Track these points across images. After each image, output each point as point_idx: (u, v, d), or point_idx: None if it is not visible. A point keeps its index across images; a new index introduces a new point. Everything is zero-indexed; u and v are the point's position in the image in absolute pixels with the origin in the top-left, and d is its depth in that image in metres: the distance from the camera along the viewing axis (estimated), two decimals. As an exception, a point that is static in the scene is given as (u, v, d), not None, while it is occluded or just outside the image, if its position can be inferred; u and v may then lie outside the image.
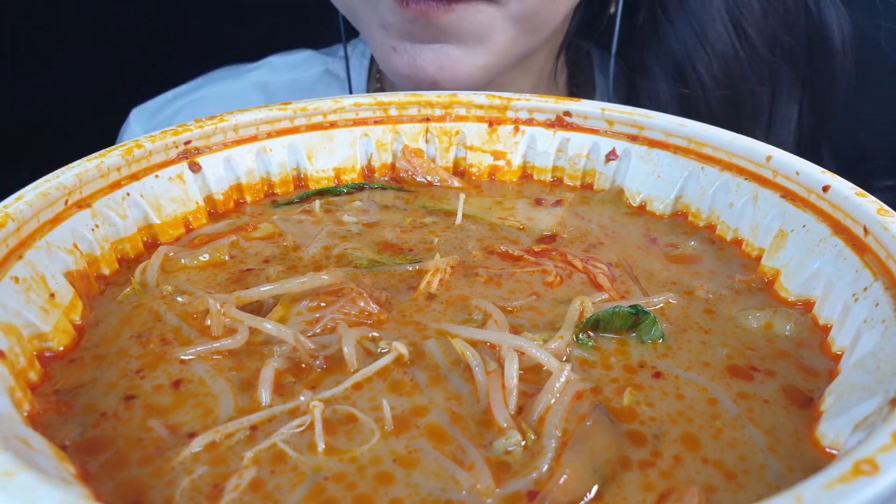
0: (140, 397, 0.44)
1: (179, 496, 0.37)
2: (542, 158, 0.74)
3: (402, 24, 0.84)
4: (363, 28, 0.92)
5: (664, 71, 1.03)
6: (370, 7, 0.86)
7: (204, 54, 1.42)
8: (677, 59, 1.01)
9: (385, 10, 0.83)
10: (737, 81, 1.01)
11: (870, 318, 0.46)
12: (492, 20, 0.83)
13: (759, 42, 1.00)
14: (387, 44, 0.87)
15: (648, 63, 1.04)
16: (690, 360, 0.48)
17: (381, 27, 0.86)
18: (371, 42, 0.91)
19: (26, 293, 0.47)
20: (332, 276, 0.53)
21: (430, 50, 0.85)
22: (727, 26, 0.99)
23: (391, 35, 0.86)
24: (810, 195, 0.55)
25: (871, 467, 0.30)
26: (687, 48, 1.00)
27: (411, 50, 0.85)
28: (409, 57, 0.85)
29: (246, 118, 0.67)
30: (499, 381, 0.44)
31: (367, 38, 0.93)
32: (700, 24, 0.99)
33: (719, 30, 0.99)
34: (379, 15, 0.85)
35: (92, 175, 0.56)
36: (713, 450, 0.41)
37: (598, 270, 0.57)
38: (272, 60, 1.26)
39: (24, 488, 0.30)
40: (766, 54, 1.01)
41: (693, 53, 1.00)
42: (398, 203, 0.70)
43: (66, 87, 1.49)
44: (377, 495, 0.38)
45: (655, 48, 1.03)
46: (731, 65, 1.00)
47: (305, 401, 0.43)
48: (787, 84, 1.03)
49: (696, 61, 1.00)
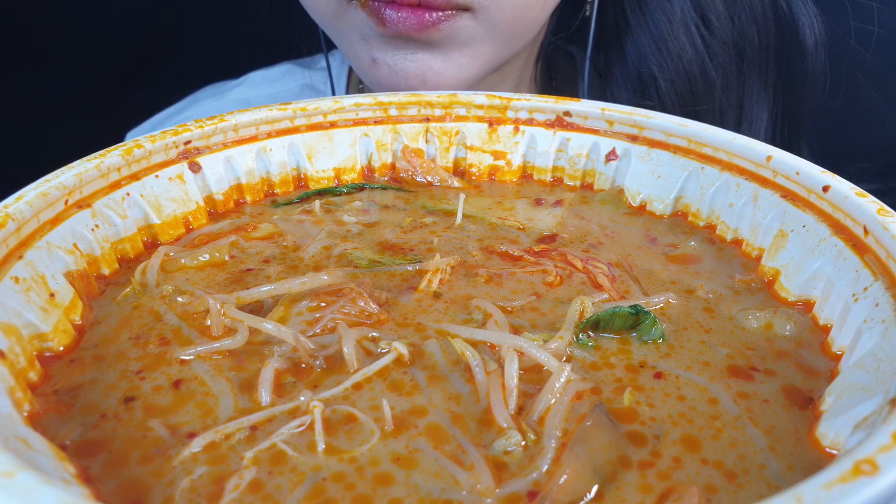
0: (140, 397, 0.44)
1: (179, 496, 0.37)
2: (542, 158, 0.74)
3: (382, 38, 0.82)
4: (342, 41, 0.90)
5: (626, 78, 1.03)
6: (349, 22, 0.85)
7: (204, 54, 1.42)
8: (639, 68, 1.01)
9: (364, 25, 0.82)
10: (698, 90, 1.00)
11: (870, 318, 0.46)
12: (473, 33, 0.82)
13: (723, 48, 0.99)
14: (367, 56, 0.85)
15: (613, 70, 1.04)
16: (690, 360, 0.48)
17: (360, 39, 0.85)
18: (350, 54, 0.89)
19: (26, 293, 0.47)
20: (332, 277, 0.53)
21: (411, 62, 0.83)
22: (690, 34, 0.98)
23: (371, 47, 0.84)
24: (810, 195, 0.55)
25: (871, 467, 0.30)
26: (647, 57, 1.00)
27: (392, 61, 0.83)
28: (390, 69, 0.84)
29: (246, 118, 0.67)
30: (499, 381, 0.44)
31: (346, 51, 0.90)
32: (660, 33, 0.98)
33: (681, 39, 0.98)
34: (358, 29, 0.83)
35: (92, 175, 0.56)
36: (713, 450, 0.41)
37: (598, 270, 0.57)
38: (252, 76, 1.26)
39: (24, 488, 0.30)
40: (731, 59, 1.00)
41: (653, 62, 0.99)
42: (398, 203, 0.70)
43: (66, 88, 1.49)
44: (377, 495, 0.38)
45: (618, 55, 1.03)
46: (692, 73, 0.99)
47: (305, 401, 0.43)
48: (755, 87, 1.03)
49: (657, 70, 0.99)
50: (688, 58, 0.98)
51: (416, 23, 0.78)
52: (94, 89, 1.47)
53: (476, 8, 0.79)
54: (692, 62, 0.99)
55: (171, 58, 1.53)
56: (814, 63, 1.02)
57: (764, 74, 1.03)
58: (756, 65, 1.02)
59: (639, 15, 0.99)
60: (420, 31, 0.79)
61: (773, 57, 1.02)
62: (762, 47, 1.01)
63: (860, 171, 1.03)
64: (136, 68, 1.53)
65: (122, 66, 1.53)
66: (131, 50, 1.53)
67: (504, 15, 0.82)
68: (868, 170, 0.99)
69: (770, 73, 1.03)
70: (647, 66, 0.99)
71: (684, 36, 0.98)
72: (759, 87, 1.03)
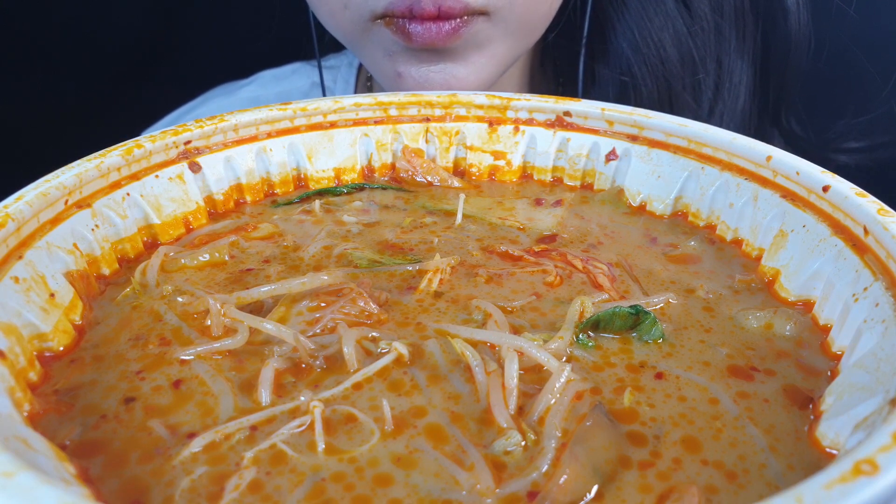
0: (140, 397, 0.44)
1: (179, 496, 0.37)
2: (542, 158, 0.74)
3: (407, 52, 0.84)
4: (365, 57, 0.91)
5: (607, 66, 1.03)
6: (373, 41, 0.86)
7: (204, 52, 1.42)
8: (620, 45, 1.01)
9: (389, 42, 0.84)
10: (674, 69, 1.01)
11: (870, 318, 0.46)
12: (489, 34, 0.84)
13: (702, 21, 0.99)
14: (392, 70, 0.87)
15: (596, 69, 1.05)
16: (690, 360, 0.48)
17: (385, 55, 0.86)
18: (374, 69, 0.91)
19: (26, 293, 0.47)
20: (332, 277, 0.53)
21: (435, 72, 0.85)
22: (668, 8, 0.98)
23: (396, 62, 0.86)
24: (810, 195, 0.55)
25: (871, 467, 0.30)
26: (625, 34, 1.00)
27: (417, 74, 0.85)
28: (416, 82, 0.86)
29: (246, 118, 0.67)
30: (499, 381, 0.44)
31: (370, 66, 0.92)
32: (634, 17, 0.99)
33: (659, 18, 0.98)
34: (383, 45, 0.85)
35: (92, 175, 0.56)
36: (713, 450, 0.41)
37: (598, 270, 0.57)
38: (263, 75, 1.28)
39: (24, 488, 0.30)
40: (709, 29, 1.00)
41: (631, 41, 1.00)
42: (398, 203, 0.70)
43: (66, 88, 1.49)
44: (377, 496, 0.38)
45: (600, 47, 1.04)
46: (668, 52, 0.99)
47: (305, 401, 0.43)
48: (733, 54, 1.03)
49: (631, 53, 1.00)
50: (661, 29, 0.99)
51: (440, 33, 0.80)
52: (94, 89, 1.47)
53: (491, 10, 0.81)
54: (665, 34, 1.00)
55: (172, 58, 1.53)
56: (797, 23, 1.02)
57: (741, 40, 1.03)
58: (734, 32, 1.02)
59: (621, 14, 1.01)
60: (445, 41, 0.81)
61: (752, 20, 1.03)
62: (738, 12, 1.01)
63: (847, 129, 1.03)
64: (137, 68, 1.53)
65: (123, 66, 1.53)
66: (132, 50, 1.53)
67: (516, 13, 0.83)
68: (854, 126, 0.99)
69: (748, 39, 1.03)
70: (620, 44, 1.00)
71: (654, 9, 0.99)
72: (736, 54, 1.03)
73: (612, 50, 1.02)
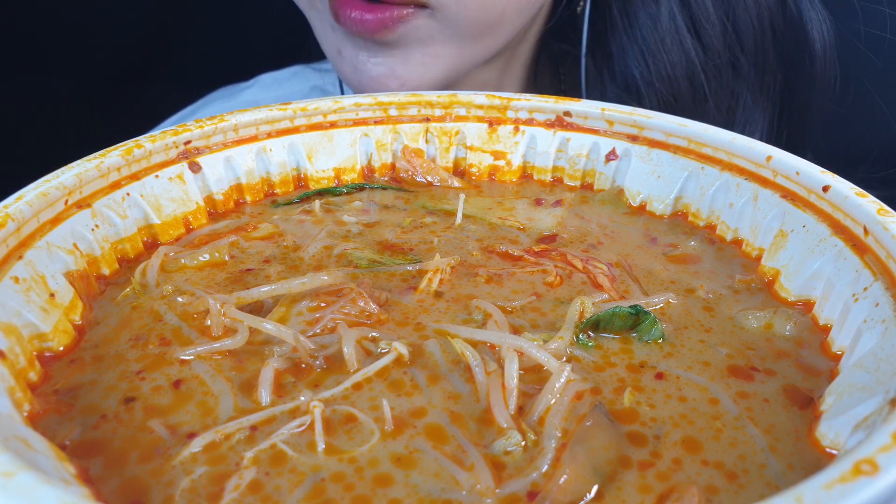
0: (140, 398, 0.44)
1: (179, 496, 0.37)
2: (542, 158, 0.74)
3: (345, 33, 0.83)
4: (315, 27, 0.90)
5: (612, 81, 1.02)
6: (319, 10, 0.85)
7: (204, 53, 1.42)
8: (623, 71, 1.00)
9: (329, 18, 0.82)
10: (682, 95, 0.98)
11: (870, 318, 0.46)
12: (431, 31, 0.82)
13: (713, 54, 0.97)
14: (334, 46, 0.86)
15: (602, 73, 1.03)
16: (691, 360, 0.48)
17: (329, 28, 0.85)
18: (322, 42, 0.90)
19: (26, 293, 0.47)
20: (332, 277, 0.53)
21: (372, 64, 0.83)
22: (677, 38, 0.96)
23: (338, 38, 0.84)
24: (810, 195, 0.55)
25: (871, 467, 0.30)
26: (631, 61, 0.98)
27: (355, 60, 0.84)
28: (353, 68, 0.84)
29: (246, 118, 0.67)
30: (499, 381, 0.44)
31: (318, 38, 0.90)
32: (644, 37, 0.96)
33: (667, 43, 0.96)
34: (327, 18, 0.84)
35: (92, 175, 0.56)
36: (714, 450, 0.41)
37: (598, 270, 0.57)
38: (262, 78, 1.27)
39: (24, 488, 0.30)
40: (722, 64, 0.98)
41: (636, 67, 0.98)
42: (398, 203, 0.70)
43: (66, 88, 1.49)
44: (376, 496, 0.38)
45: (605, 57, 1.02)
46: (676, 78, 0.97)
47: (305, 401, 0.43)
48: (748, 93, 1.01)
49: (638, 75, 0.98)
50: (673, 62, 0.97)
51: (372, 24, 0.78)
52: (94, 89, 1.47)
53: (434, 5, 0.79)
54: (677, 67, 0.97)
55: (172, 58, 1.53)
56: (822, 67, 1.01)
57: (760, 79, 1.02)
58: (753, 69, 1.00)
59: (624, 17, 0.99)
60: (374, 34, 0.79)
61: (774, 61, 1.01)
62: (759, 51, 1.00)
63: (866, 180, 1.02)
64: (137, 68, 1.53)
65: (123, 67, 1.53)
66: (132, 50, 1.53)
67: (464, 13, 0.81)
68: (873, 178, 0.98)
69: (768, 78, 1.02)
70: (631, 70, 0.98)
71: (670, 40, 0.96)
72: (753, 92, 1.02)
73: (619, 71, 1.00)
